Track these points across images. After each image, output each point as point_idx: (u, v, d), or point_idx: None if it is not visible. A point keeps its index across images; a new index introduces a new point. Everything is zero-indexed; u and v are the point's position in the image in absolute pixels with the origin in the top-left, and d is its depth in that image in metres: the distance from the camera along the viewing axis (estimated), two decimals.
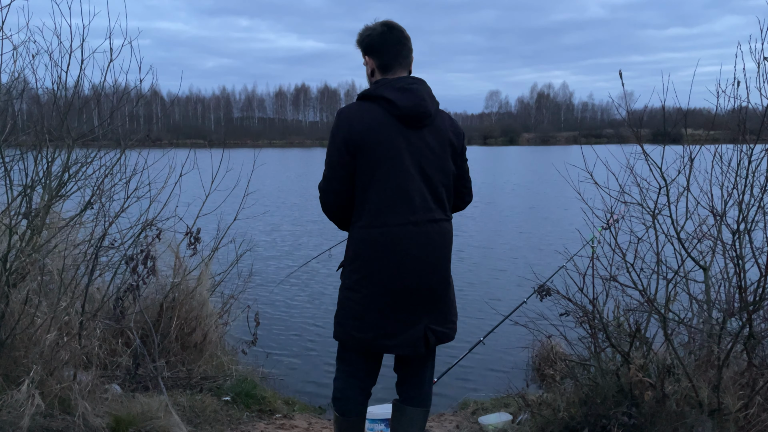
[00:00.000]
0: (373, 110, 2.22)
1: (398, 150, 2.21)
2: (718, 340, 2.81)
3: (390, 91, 2.23)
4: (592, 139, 55.62)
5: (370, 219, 2.22)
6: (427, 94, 2.29)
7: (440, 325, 2.33)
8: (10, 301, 2.91)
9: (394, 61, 2.31)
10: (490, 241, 12.17)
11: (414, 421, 2.48)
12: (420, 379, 2.48)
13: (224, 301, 4.72)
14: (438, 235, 2.28)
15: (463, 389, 4.88)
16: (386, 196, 2.20)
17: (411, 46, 2.38)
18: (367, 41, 2.33)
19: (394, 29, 2.33)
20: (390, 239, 2.20)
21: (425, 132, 2.26)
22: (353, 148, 2.19)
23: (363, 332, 2.26)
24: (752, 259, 2.87)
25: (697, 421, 2.55)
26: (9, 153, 3.40)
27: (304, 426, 3.73)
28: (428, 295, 2.27)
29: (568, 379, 3.30)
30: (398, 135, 2.21)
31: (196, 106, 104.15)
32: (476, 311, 6.95)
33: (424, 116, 2.25)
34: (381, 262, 2.21)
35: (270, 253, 10.88)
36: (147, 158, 3.98)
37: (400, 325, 2.24)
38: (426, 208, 2.25)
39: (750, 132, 2.94)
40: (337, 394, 2.44)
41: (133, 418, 2.94)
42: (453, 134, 2.34)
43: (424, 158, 2.24)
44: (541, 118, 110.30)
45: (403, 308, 2.24)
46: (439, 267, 2.29)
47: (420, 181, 2.23)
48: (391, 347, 2.27)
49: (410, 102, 2.21)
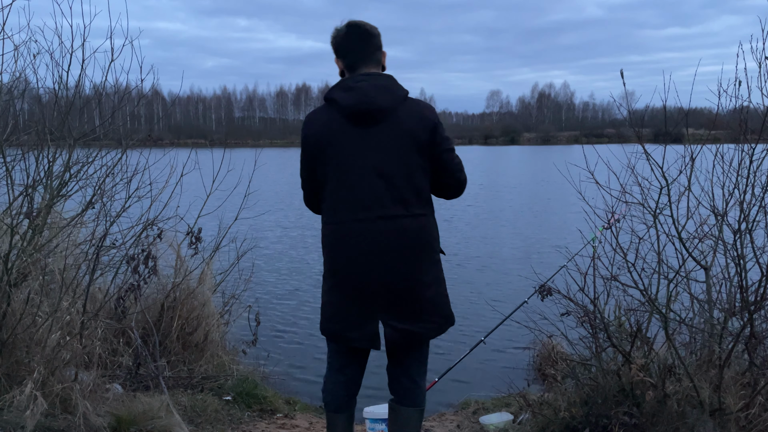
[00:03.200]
0: (325, 112, 2.31)
1: (347, 150, 2.25)
2: (720, 339, 2.80)
3: (336, 91, 2.29)
4: (594, 138, 55.54)
5: (327, 216, 2.34)
6: (379, 88, 2.24)
7: (406, 323, 2.28)
8: (11, 300, 2.92)
9: (359, 61, 2.32)
10: (491, 241, 12.17)
11: (408, 421, 2.48)
12: (409, 378, 2.46)
13: (225, 300, 4.72)
14: (394, 232, 2.24)
15: (464, 389, 4.87)
16: (337, 195, 2.28)
17: (378, 42, 2.36)
18: (334, 43, 2.36)
19: (358, 28, 2.32)
20: (341, 236, 2.28)
21: (381, 128, 2.24)
22: (310, 150, 2.32)
23: (331, 324, 2.36)
24: (753, 258, 2.86)
25: (698, 421, 2.55)
26: (10, 153, 3.40)
27: (305, 425, 3.73)
28: (383, 291, 2.25)
29: (569, 378, 3.30)
30: (349, 134, 2.25)
31: (197, 105, 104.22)
32: (477, 311, 6.95)
33: (370, 113, 2.22)
34: (336, 258, 2.31)
35: (271, 253, 10.88)
36: (148, 158, 3.98)
37: (359, 320, 2.29)
38: (379, 205, 2.23)
39: (751, 131, 2.93)
40: (323, 388, 2.54)
41: (134, 417, 2.95)
42: (417, 125, 2.25)
43: (380, 156, 2.23)
44: (542, 117, 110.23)
45: (359, 303, 2.29)
46: (395, 264, 2.24)
47: (373, 179, 2.23)
48: (353, 340, 2.32)
49: (353, 100, 2.23)
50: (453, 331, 6.85)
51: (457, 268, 9.60)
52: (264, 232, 12.66)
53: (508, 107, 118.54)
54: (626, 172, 3.14)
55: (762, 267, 2.69)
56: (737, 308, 2.86)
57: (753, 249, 2.87)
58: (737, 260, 2.90)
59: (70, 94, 3.47)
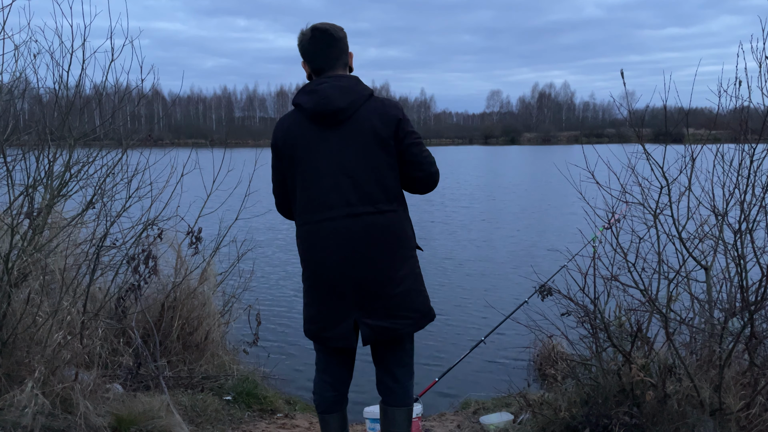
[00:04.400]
0: (291, 116, 2.37)
1: (312, 151, 2.29)
2: (720, 339, 2.80)
3: (300, 95, 2.34)
4: (594, 138, 55.55)
5: (298, 218, 2.38)
6: (340, 89, 2.26)
7: (379, 320, 2.29)
8: (12, 300, 2.92)
9: (324, 64, 2.35)
10: (491, 241, 12.17)
11: (396, 421, 2.48)
12: (392, 377, 2.47)
13: (226, 300, 4.72)
14: (361, 230, 2.25)
15: (465, 389, 4.87)
16: (305, 196, 2.31)
17: (344, 45, 2.37)
18: (300, 48, 2.38)
19: (323, 33, 2.33)
20: (311, 236, 2.32)
21: (345, 128, 2.27)
22: (278, 154, 2.37)
23: (310, 325, 2.41)
24: (754, 258, 2.86)
25: (698, 421, 2.55)
26: (11, 153, 3.40)
27: (306, 425, 3.73)
28: (354, 289, 2.27)
29: (570, 378, 3.30)
30: (313, 137, 2.29)
31: (198, 105, 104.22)
32: (477, 311, 6.95)
33: (331, 114, 2.25)
34: (309, 258, 2.34)
35: (271, 253, 10.89)
36: (148, 158, 3.98)
37: (335, 319, 2.32)
38: (345, 203, 2.25)
39: (752, 131, 2.94)
40: (313, 390, 2.57)
41: (134, 417, 2.95)
42: (380, 122, 2.26)
43: (345, 155, 2.26)
44: (543, 117, 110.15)
45: (332, 302, 2.31)
46: (365, 261, 2.26)
47: (340, 178, 2.25)
48: (328, 339, 2.35)
49: (313, 103, 2.27)
50: (453, 331, 6.86)
51: (457, 268, 9.61)
52: (264, 232, 12.66)
53: (508, 107, 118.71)
54: (626, 172, 3.14)
55: (762, 267, 2.69)
56: (737, 308, 2.86)
57: (753, 249, 2.87)
58: (737, 260, 2.90)
59: (71, 94, 3.47)
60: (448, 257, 10.37)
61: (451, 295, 7.76)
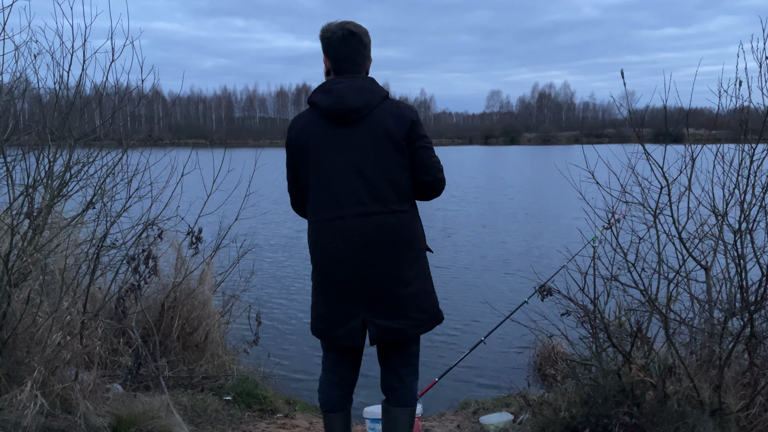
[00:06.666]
0: (306, 115, 2.38)
1: (325, 149, 2.29)
2: (720, 340, 2.80)
3: (316, 94, 2.35)
4: (594, 138, 55.52)
5: (310, 216, 2.38)
6: (356, 89, 2.28)
7: (387, 320, 2.29)
8: (11, 300, 2.92)
9: (347, 66, 2.35)
10: (491, 241, 12.17)
11: (398, 422, 2.48)
12: (397, 377, 2.46)
13: (226, 300, 4.72)
14: (372, 230, 2.25)
15: (465, 389, 4.88)
16: (318, 194, 2.32)
17: (368, 52, 2.40)
18: (326, 43, 2.36)
19: (354, 36, 2.33)
20: (322, 234, 2.32)
21: (359, 127, 2.28)
22: (292, 152, 2.39)
23: (318, 323, 2.40)
24: (754, 258, 2.86)
25: (698, 421, 2.55)
26: (11, 153, 3.40)
27: (306, 425, 3.73)
28: (363, 288, 2.27)
29: (570, 378, 3.30)
30: (327, 135, 2.30)
31: (198, 105, 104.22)
32: (477, 311, 6.95)
33: (346, 113, 2.27)
34: (319, 256, 2.34)
35: (271, 252, 10.88)
36: (149, 158, 3.98)
37: (343, 318, 2.32)
38: (357, 202, 2.25)
39: (752, 131, 2.94)
40: (318, 388, 2.56)
41: (134, 417, 2.95)
42: (394, 123, 2.28)
43: (358, 154, 2.27)
44: (543, 117, 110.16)
45: (341, 300, 2.31)
46: (375, 260, 2.26)
47: (352, 177, 2.26)
48: (336, 338, 2.35)
49: (329, 102, 2.28)
50: (453, 332, 6.87)
51: (457, 267, 9.61)
52: (264, 231, 12.66)
53: (508, 107, 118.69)
54: (626, 172, 3.14)
55: (762, 267, 2.69)
56: (737, 308, 2.86)
57: (753, 249, 2.87)
58: (737, 260, 2.90)
59: (71, 95, 3.47)
60: (447, 257, 10.38)
61: (451, 295, 7.76)
